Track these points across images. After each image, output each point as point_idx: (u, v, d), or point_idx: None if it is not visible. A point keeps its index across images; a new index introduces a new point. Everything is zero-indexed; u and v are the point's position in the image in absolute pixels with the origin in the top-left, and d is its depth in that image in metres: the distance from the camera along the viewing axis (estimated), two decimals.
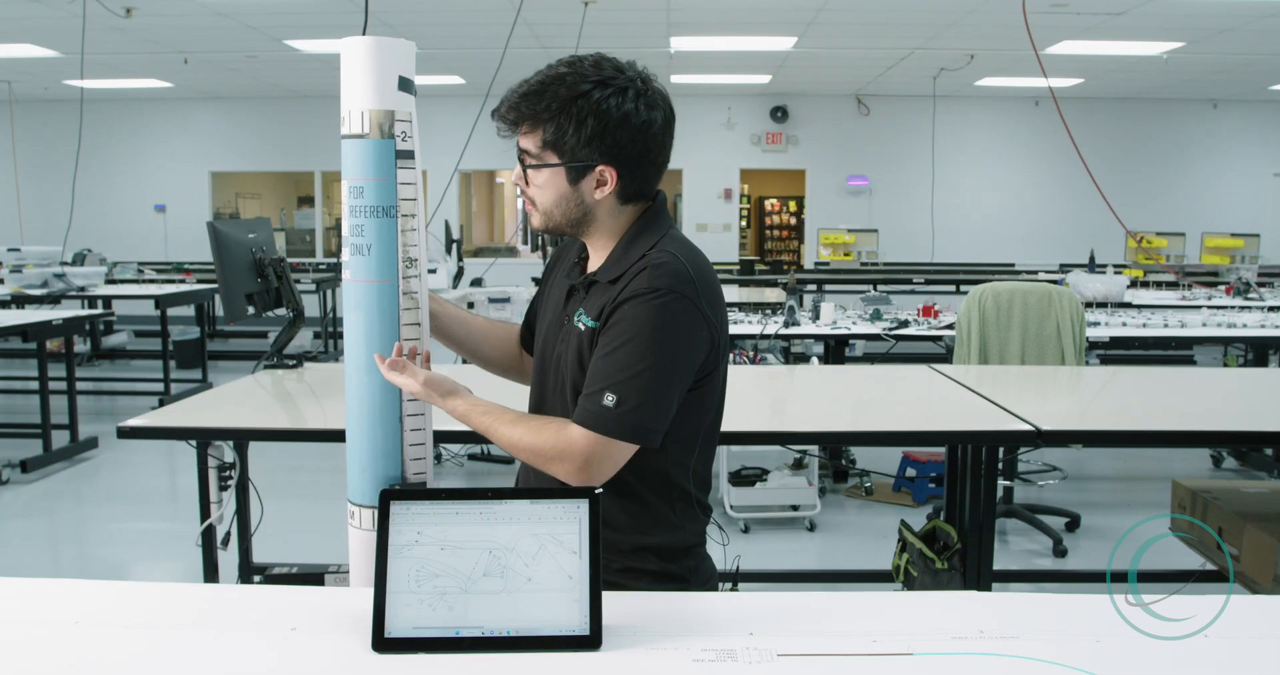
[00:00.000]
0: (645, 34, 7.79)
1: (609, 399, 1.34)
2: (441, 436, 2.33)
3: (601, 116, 1.37)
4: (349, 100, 1.40)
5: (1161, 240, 7.96)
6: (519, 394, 1.71)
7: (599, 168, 1.40)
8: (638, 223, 1.48)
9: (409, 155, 1.42)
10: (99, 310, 6.96)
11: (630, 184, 1.44)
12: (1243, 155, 11.20)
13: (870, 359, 6.61)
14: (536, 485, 1.51)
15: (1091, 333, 4.36)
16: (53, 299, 6.51)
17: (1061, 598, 1.34)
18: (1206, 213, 10.84)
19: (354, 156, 1.41)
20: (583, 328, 1.44)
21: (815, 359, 5.54)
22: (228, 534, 2.85)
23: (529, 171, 1.44)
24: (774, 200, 15.53)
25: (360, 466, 1.45)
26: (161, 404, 4.85)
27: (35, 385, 5.31)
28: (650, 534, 1.47)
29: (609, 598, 1.21)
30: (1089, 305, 5.40)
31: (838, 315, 4.93)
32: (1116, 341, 4.57)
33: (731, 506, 4.25)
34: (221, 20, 7.13)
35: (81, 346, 8.31)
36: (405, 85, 1.40)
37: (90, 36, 6.74)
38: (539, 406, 1.56)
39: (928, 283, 8.31)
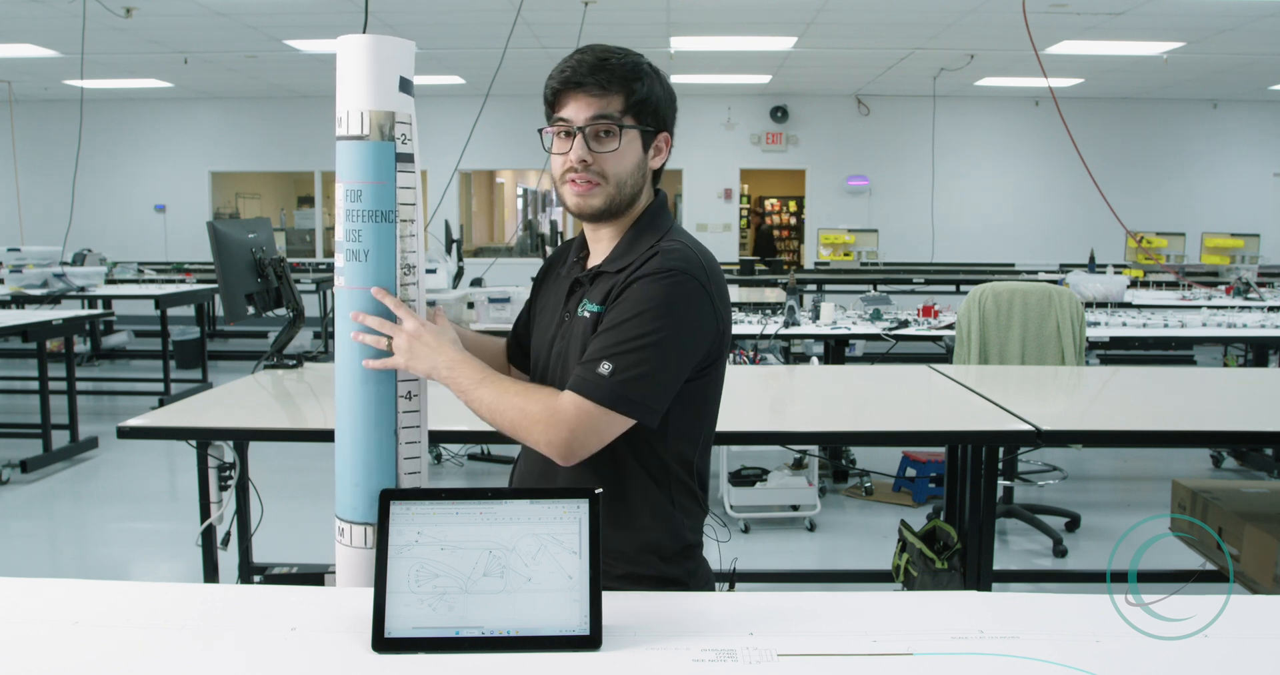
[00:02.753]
0: (645, 34, 7.79)
1: (604, 367, 1.33)
2: (441, 436, 2.34)
3: (665, 85, 1.47)
4: (347, 100, 1.34)
5: (1161, 240, 7.96)
6: None
7: (662, 134, 1.47)
8: (645, 215, 1.49)
9: (409, 159, 1.37)
10: (99, 310, 6.95)
11: (669, 157, 1.51)
12: (1243, 155, 11.20)
13: (870, 359, 6.61)
14: (531, 485, 1.51)
15: (1091, 333, 4.36)
16: (53, 299, 6.51)
17: (1061, 598, 1.33)
18: (1206, 213, 10.84)
19: (352, 159, 1.35)
20: (587, 315, 1.43)
21: (815, 359, 5.55)
22: (228, 534, 2.85)
23: (604, 139, 1.41)
24: (774, 200, 15.53)
25: (352, 480, 1.38)
26: (161, 404, 4.85)
27: (35, 385, 5.31)
28: (651, 532, 1.47)
29: (609, 598, 1.21)
30: (1089, 305, 5.41)
31: (838, 315, 4.93)
32: (1116, 341, 4.57)
33: (731, 506, 4.25)
34: (221, 20, 7.13)
35: (81, 346, 8.31)
36: (405, 86, 1.36)
37: (90, 36, 6.74)
38: None
39: (928, 283, 8.31)
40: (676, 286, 1.36)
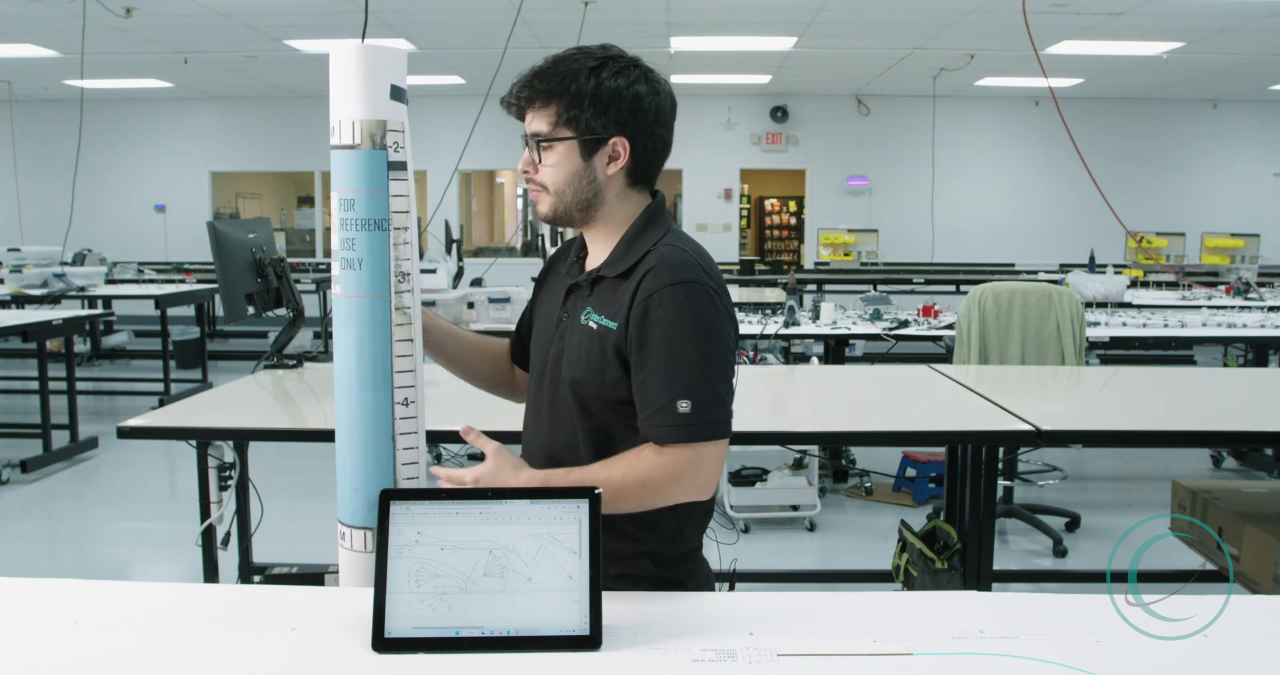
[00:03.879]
0: (645, 34, 7.79)
1: (684, 406, 1.34)
2: (441, 437, 2.33)
3: (614, 90, 1.41)
4: (339, 110, 1.35)
5: (1161, 240, 7.96)
6: (508, 409, 1.71)
7: (613, 140, 1.42)
8: (641, 217, 1.48)
9: (401, 167, 1.37)
10: (99, 310, 6.95)
11: (640, 160, 1.45)
12: (1243, 155, 11.20)
13: (870, 359, 6.60)
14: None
15: (1091, 333, 4.36)
16: (53, 299, 6.51)
17: (1061, 598, 1.34)
18: (1206, 213, 10.84)
19: (344, 168, 1.36)
20: (595, 326, 1.43)
21: (815, 359, 5.55)
22: (228, 534, 2.85)
23: (541, 151, 1.43)
24: (774, 200, 15.53)
25: (352, 486, 1.39)
26: (161, 404, 4.85)
27: (35, 385, 5.31)
28: (651, 539, 1.46)
29: (609, 598, 1.21)
30: (1089, 305, 5.40)
31: (838, 315, 4.93)
32: (1116, 341, 4.57)
33: (731, 506, 4.25)
34: (221, 20, 7.13)
35: (81, 346, 8.31)
36: (397, 94, 1.36)
37: (90, 36, 6.74)
38: (536, 409, 1.54)
39: (928, 283, 8.31)
40: (694, 298, 1.37)
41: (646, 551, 1.46)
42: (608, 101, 1.40)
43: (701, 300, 1.38)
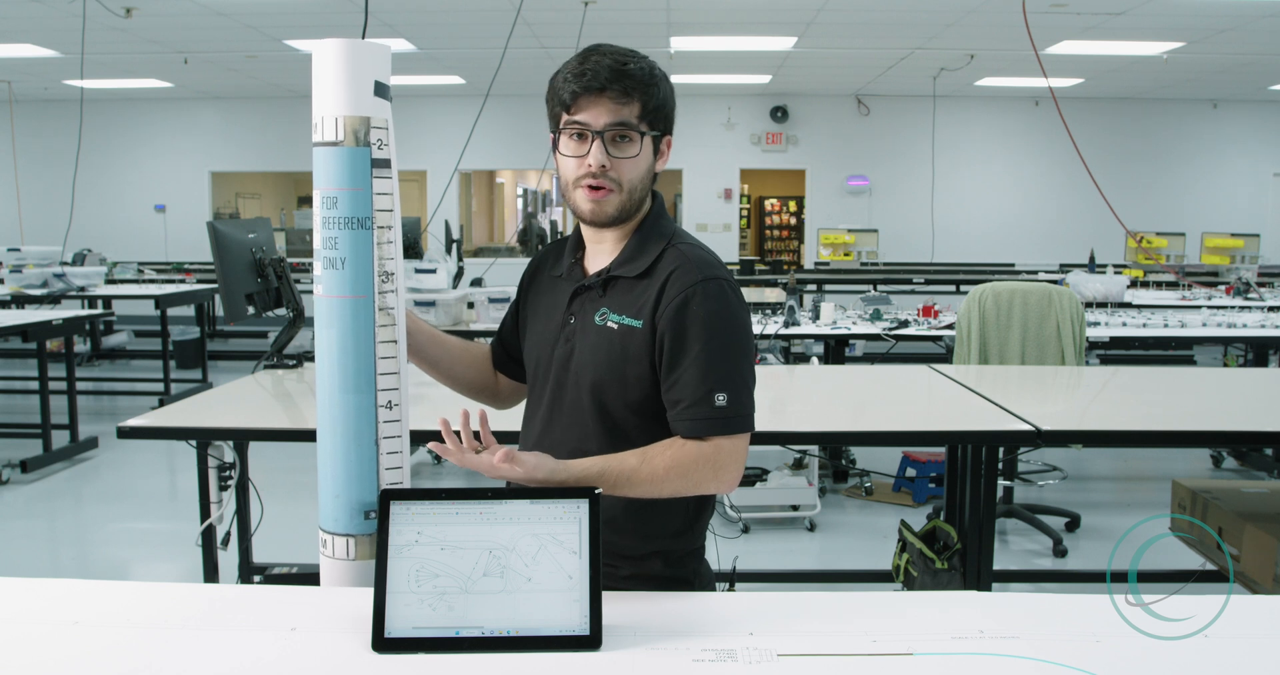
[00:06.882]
0: (645, 34, 7.79)
1: (720, 399, 1.36)
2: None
3: (670, 89, 1.46)
4: (321, 106, 1.33)
5: (1161, 240, 7.96)
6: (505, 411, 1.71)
7: (666, 138, 1.48)
8: (650, 217, 1.49)
9: (385, 164, 1.35)
10: (99, 310, 6.95)
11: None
12: (1243, 155, 11.19)
13: (870, 359, 6.60)
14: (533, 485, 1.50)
15: (1091, 333, 4.36)
16: (53, 299, 6.51)
17: (1061, 598, 1.34)
18: (1206, 213, 10.84)
19: (327, 165, 1.34)
20: (615, 326, 1.42)
21: (815, 359, 5.55)
22: (228, 534, 2.85)
23: (620, 145, 1.40)
24: (774, 200, 15.53)
25: (333, 491, 1.36)
26: (161, 404, 4.85)
27: (35, 385, 5.31)
28: (661, 538, 1.47)
29: (609, 598, 1.21)
30: (1089, 305, 5.40)
31: (838, 315, 4.93)
32: (1116, 341, 4.57)
33: (731, 506, 4.25)
34: (221, 20, 7.13)
35: (81, 346, 8.30)
36: (381, 90, 1.34)
37: (90, 36, 6.74)
38: (536, 411, 1.54)
39: (928, 283, 8.31)
40: (722, 295, 1.40)
41: (656, 550, 1.47)
42: (670, 102, 1.45)
43: (731, 296, 1.41)
